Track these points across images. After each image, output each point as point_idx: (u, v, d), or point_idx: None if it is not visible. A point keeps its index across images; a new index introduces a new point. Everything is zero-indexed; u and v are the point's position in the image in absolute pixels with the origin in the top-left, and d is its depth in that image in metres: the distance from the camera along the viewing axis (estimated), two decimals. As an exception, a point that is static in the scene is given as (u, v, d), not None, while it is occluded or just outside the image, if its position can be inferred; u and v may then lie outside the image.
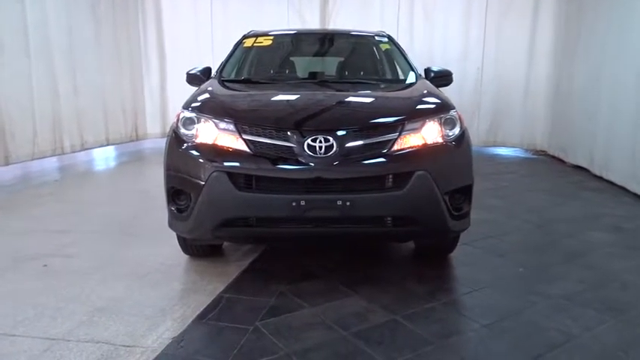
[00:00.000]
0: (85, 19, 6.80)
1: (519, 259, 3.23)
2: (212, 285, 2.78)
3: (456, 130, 2.73)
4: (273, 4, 8.09)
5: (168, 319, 2.40)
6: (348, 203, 2.43)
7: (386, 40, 4.00)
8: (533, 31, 7.53)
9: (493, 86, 7.83)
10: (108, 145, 7.40)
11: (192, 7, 8.24)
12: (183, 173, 2.61)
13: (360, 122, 2.64)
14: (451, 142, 2.70)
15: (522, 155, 7.68)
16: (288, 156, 2.49)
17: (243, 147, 2.54)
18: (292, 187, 2.48)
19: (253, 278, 2.91)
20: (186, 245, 3.04)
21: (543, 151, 7.57)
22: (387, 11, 8.04)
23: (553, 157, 7.18)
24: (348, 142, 2.51)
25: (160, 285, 2.80)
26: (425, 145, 2.62)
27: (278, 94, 3.12)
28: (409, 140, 2.60)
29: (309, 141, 2.47)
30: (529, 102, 7.71)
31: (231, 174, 2.49)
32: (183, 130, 2.68)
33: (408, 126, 2.62)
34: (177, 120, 2.74)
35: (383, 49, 3.87)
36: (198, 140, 2.63)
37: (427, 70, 3.58)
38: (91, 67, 6.92)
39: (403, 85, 3.37)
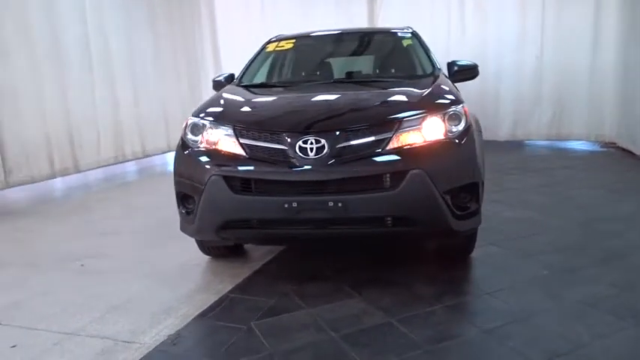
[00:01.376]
0: (143, 32, 7.29)
1: (547, 260, 3.00)
2: (222, 285, 2.88)
3: (460, 127, 2.60)
4: (321, 5, 8.16)
5: (171, 317, 2.52)
6: (340, 204, 2.41)
7: (409, 35, 3.88)
8: (596, 16, 6.97)
9: (554, 75, 7.35)
10: (168, 151, 7.86)
11: (244, 15, 8.54)
12: (188, 178, 2.73)
13: (353, 122, 2.59)
14: (454, 139, 2.58)
15: (589, 148, 7.13)
16: (282, 158, 2.52)
17: (240, 151, 2.61)
18: (285, 189, 2.50)
19: (262, 279, 2.97)
20: (203, 247, 3.17)
21: (613, 143, 6.95)
22: (437, 4, 7.82)
23: (624, 149, 6.58)
24: (340, 143, 2.49)
25: (176, 284, 2.94)
26: (424, 142, 2.53)
27: (281, 98, 3.17)
28: (407, 138, 2.52)
29: (300, 143, 2.48)
30: (595, 91, 7.13)
31: (227, 177, 2.56)
32: (189, 136, 2.80)
33: (406, 123, 2.55)
34: (185, 126, 2.86)
35: (405, 45, 3.76)
36: (202, 146, 2.74)
37: (450, 65, 3.47)
38: (151, 78, 7.41)
39: (415, 82, 3.24)
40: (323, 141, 2.47)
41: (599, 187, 4.82)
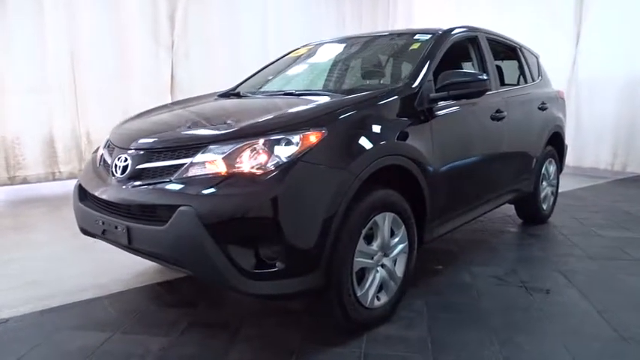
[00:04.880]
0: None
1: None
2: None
3: (281, 158, 1.97)
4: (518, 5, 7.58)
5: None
6: (124, 230, 2.14)
7: (426, 38, 3.06)
8: None
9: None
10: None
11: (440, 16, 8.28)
12: None
13: (158, 143, 2.24)
14: (270, 174, 1.93)
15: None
16: (106, 173, 2.40)
17: (97, 160, 2.60)
18: (97, 204, 2.36)
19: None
20: None
21: None
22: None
23: None
24: (140, 164, 2.20)
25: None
26: (218, 174, 1.98)
27: (178, 108, 2.93)
28: (204, 167, 2.02)
29: (116, 159, 2.32)
30: None
31: (80, 185, 2.58)
32: None
33: (211, 149, 2.05)
34: None
35: (409, 50, 3.37)
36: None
37: (445, 75, 2.67)
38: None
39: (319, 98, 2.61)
40: (128, 159, 2.24)
41: None
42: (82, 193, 2.53)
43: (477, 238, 3.90)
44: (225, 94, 3.25)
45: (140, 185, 2.14)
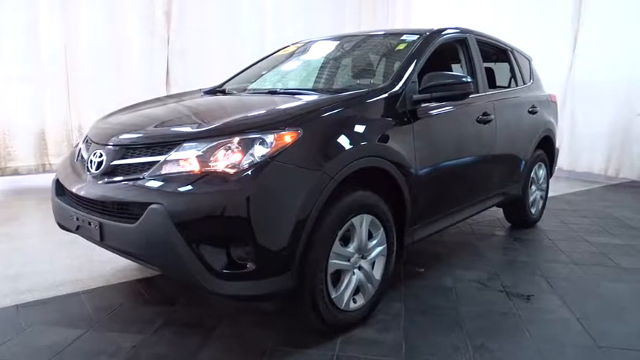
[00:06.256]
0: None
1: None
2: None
3: (255, 158, 1.94)
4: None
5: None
6: (96, 227, 2.12)
7: (413, 39, 3.02)
8: None
9: None
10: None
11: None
12: None
13: (137, 139, 2.21)
14: (243, 173, 1.90)
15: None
16: (82, 168, 2.38)
17: (75, 156, 2.57)
18: (74, 199, 2.33)
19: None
20: None
21: None
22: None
23: None
24: (115, 160, 2.17)
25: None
26: (192, 172, 1.95)
27: (167, 104, 2.87)
28: (178, 164, 2.00)
29: (91, 154, 2.30)
30: None
31: (57, 179, 2.56)
32: None
33: (186, 146, 2.02)
34: None
35: (396, 49, 3.37)
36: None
37: (429, 77, 2.64)
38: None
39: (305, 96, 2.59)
40: (103, 155, 2.22)
41: None
42: (59, 188, 2.51)
43: (463, 241, 3.88)
44: (211, 91, 3.23)
45: (114, 181, 2.12)
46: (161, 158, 2.05)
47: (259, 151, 1.97)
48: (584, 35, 6.87)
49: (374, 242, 2.41)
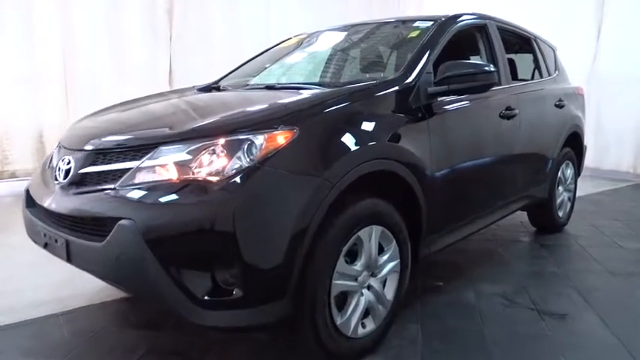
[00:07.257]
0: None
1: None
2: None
3: (243, 163, 1.64)
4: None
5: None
6: (62, 245, 1.84)
7: (427, 25, 2.71)
8: None
9: None
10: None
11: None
12: None
13: (109, 143, 1.91)
14: (228, 182, 1.61)
15: None
16: (51, 176, 2.08)
17: (47, 163, 2.28)
18: (42, 212, 2.04)
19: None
20: None
21: None
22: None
23: None
24: (83, 167, 1.89)
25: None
26: (178, 180, 1.65)
27: (154, 103, 2.54)
28: (154, 172, 1.71)
29: (60, 161, 2.01)
30: None
31: (27, 189, 2.28)
32: None
33: (163, 152, 1.73)
34: None
35: (408, 38, 3.03)
36: None
37: (446, 66, 2.33)
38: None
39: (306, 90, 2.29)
40: (72, 162, 1.93)
41: None
42: (30, 200, 2.23)
43: (484, 248, 3.55)
44: (206, 88, 2.94)
45: (81, 192, 1.84)
46: (134, 165, 1.76)
47: (248, 155, 1.67)
48: (608, 23, 6.46)
49: (385, 257, 2.10)
